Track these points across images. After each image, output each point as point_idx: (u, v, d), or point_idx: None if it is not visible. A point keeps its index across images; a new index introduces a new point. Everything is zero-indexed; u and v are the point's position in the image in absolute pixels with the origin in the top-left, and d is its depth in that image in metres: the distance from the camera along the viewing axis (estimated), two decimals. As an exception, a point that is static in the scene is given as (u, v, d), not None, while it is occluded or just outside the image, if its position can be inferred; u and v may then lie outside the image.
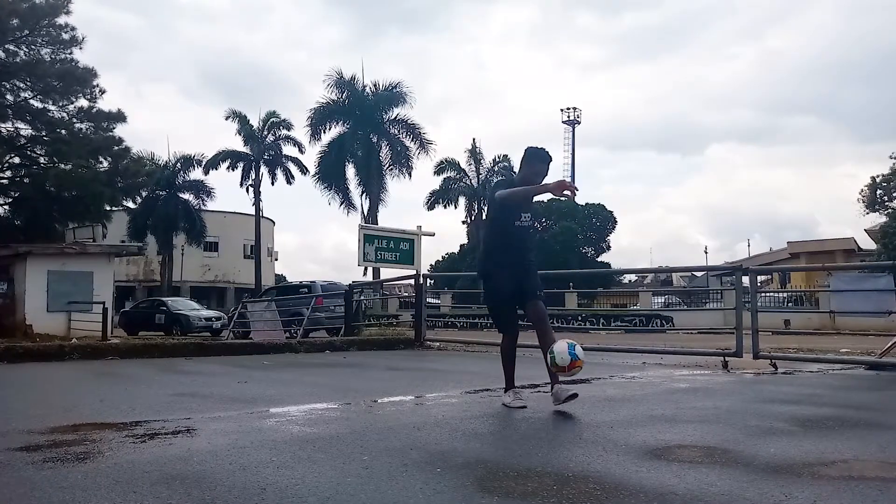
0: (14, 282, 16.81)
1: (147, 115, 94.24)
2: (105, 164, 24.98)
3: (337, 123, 33.24)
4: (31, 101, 23.89)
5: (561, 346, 3.58)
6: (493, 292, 4.04)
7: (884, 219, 30.32)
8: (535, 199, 4.30)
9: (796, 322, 16.97)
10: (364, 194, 33.22)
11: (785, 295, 25.72)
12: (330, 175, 33.32)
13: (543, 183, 3.85)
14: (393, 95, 32.70)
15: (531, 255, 4.07)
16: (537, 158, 3.99)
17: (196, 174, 37.74)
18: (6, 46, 22.89)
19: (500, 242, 4.05)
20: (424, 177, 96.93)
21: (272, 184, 37.63)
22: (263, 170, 37.15)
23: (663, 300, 27.30)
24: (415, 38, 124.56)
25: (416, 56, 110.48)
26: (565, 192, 3.61)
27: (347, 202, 33.78)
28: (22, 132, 24.40)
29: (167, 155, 38.34)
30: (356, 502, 2.01)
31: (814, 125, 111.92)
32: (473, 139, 40.77)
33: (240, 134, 36.75)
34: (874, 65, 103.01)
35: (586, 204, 45.32)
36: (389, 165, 33.35)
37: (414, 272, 10.74)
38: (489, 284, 4.06)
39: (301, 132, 35.31)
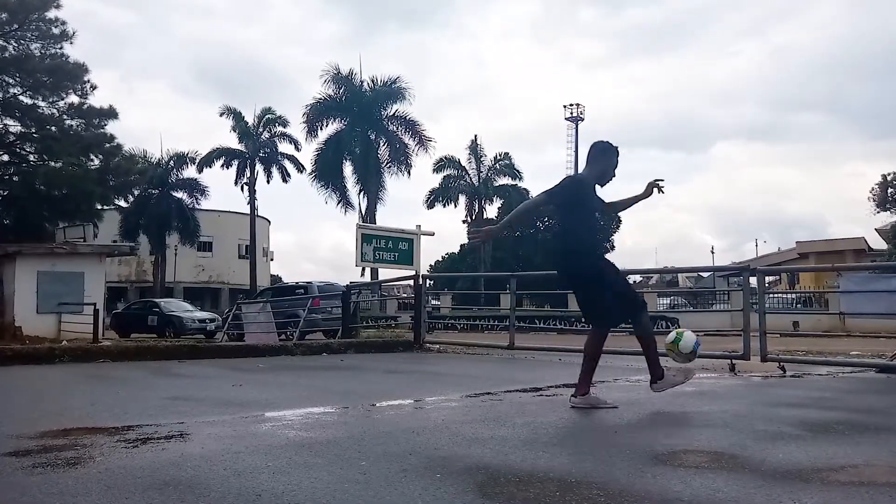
0: (3, 282, 16.66)
1: (140, 112, 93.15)
2: (96, 161, 24.72)
3: (334, 120, 33.08)
4: (21, 97, 23.60)
5: (690, 335, 4.28)
6: (610, 282, 4.10)
7: (895, 218, 30.29)
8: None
9: (805, 324, 16.92)
10: (362, 193, 33.08)
11: (793, 296, 25.66)
12: (327, 173, 33.14)
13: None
14: (391, 91, 32.49)
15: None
16: (613, 152, 4.18)
17: (190, 172, 37.60)
18: (-5, 41, 22.73)
19: (588, 228, 4.23)
20: (424, 175, 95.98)
21: (268, 182, 37.41)
22: (259, 168, 36.95)
23: (669, 301, 26.92)
24: (414, 33, 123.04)
25: (416, 52, 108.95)
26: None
27: (345, 201, 33.69)
28: (10, 129, 24.12)
29: (160, 152, 38.03)
30: (355, 510, 1.96)
31: (821, 122, 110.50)
32: (474, 136, 40.29)
33: (234, 131, 36.51)
34: (882, 61, 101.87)
35: (589, 203, 45.09)
36: (388, 163, 33.16)
37: (413, 273, 10.68)
38: (604, 274, 4.10)
39: (297, 129, 35.09)
